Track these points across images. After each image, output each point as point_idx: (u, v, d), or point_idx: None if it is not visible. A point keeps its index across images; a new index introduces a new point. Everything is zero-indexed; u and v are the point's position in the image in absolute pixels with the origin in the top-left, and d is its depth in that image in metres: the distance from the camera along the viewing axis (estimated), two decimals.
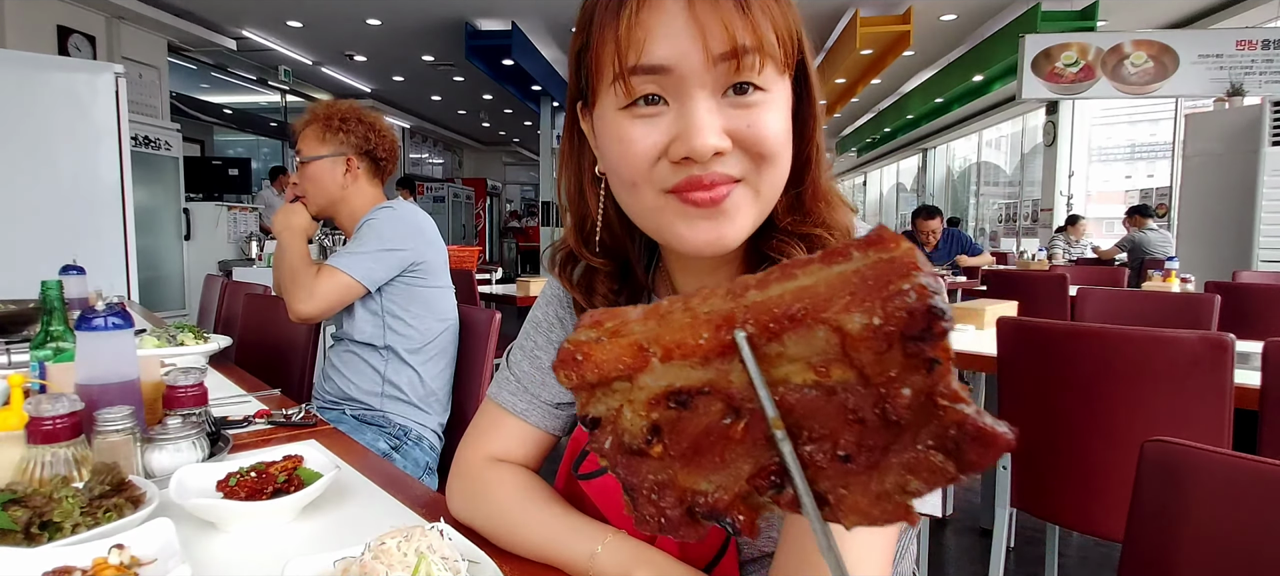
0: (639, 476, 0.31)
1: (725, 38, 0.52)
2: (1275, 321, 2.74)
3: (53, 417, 0.79)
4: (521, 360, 0.81)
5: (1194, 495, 0.70)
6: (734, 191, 0.56)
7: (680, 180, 0.55)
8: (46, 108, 3.57)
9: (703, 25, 0.52)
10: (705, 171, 0.55)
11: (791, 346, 0.26)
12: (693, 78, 0.53)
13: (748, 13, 0.53)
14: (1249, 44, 6.32)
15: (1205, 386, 1.46)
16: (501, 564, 0.65)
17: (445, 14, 7.11)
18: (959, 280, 5.01)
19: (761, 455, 0.28)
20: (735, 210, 0.57)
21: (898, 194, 18.91)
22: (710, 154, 0.54)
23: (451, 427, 1.77)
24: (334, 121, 1.71)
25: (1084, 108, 9.01)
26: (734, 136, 0.55)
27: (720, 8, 0.52)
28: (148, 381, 1.03)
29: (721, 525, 0.28)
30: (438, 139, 14.86)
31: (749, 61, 0.53)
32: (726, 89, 0.54)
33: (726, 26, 0.52)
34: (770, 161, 0.56)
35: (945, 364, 0.24)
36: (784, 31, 0.55)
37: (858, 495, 0.26)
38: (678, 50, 0.53)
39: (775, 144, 0.56)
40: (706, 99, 0.54)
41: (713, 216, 0.56)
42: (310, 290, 1.60)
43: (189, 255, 5.94)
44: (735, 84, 0.54)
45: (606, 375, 0.30)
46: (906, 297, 0.24)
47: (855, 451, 0.26)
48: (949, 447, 0.24)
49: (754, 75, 0.54)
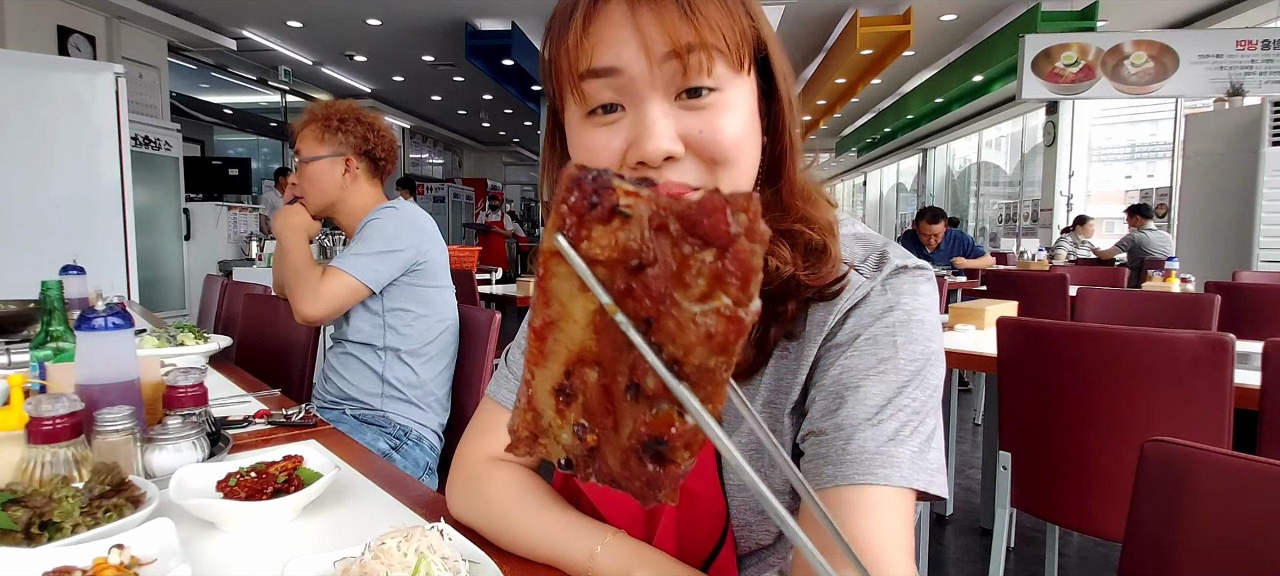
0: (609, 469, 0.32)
1: (666, 39, 0.53)
2: (1275, 321, 2.74)
3: (53, 417, 0.79)
4: (520, 358, 0.82)
5: (1194, 495, 0.70)
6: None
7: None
8: (46, 108, 3.57)
9: (645, 28, 0.53)
10: (659, 177, 0.55)
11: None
12: (642, 81, 0.54)
13: (689, 13, 0.53)
14: (1249, 44, 6.33)
15: (1205, 386, 1.46)
16: (501, 564, 0.65)
17: (445, 14, 7.11)
18: (959, 280, 5.00)
19: (635, 365, 0.29)
20: None
21: (898, 194, 18.91)
22: (661, 158, 0.54)
23: (451, 427, 1.77)
24: (332, 121, 1.71)
25: (1084, 108, 9.01)
26: (688, 141, 0.55)
27: (661, 10, 0.53)
28: (148, 381, 1.03)
29: (659, 449, 0.29)
30: (438, 139, 14.86)
31: (694, 61, 0.54)
32: (680, 93, 0.55)
33: (668, 28, 0.53)
34: (727, 165, 0.57)
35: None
36: (730, 28, 0.55)
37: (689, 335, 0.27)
38: (624, 54, 0.54)
39: (730, 147, 0.56)
40: (659, 103, 0.55)
41: None
42: (315, 292, 1.59)
43: (189, 255, 5.94)
44: (687, 88, 0.55)
45: (534, 427, 0.33)
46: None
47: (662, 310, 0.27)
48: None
49: (703, 76, 0.54)
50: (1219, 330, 1.74)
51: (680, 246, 0.26)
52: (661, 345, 0.27)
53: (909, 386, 0.59)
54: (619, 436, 0.30)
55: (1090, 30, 6.73)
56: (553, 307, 0.30)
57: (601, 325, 0.29)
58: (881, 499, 0.55)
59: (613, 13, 0.54)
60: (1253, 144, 4.89)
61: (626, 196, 0.27)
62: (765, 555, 0.69)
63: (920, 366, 0.59)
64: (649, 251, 0.27)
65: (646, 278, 0.27)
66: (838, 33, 7.81)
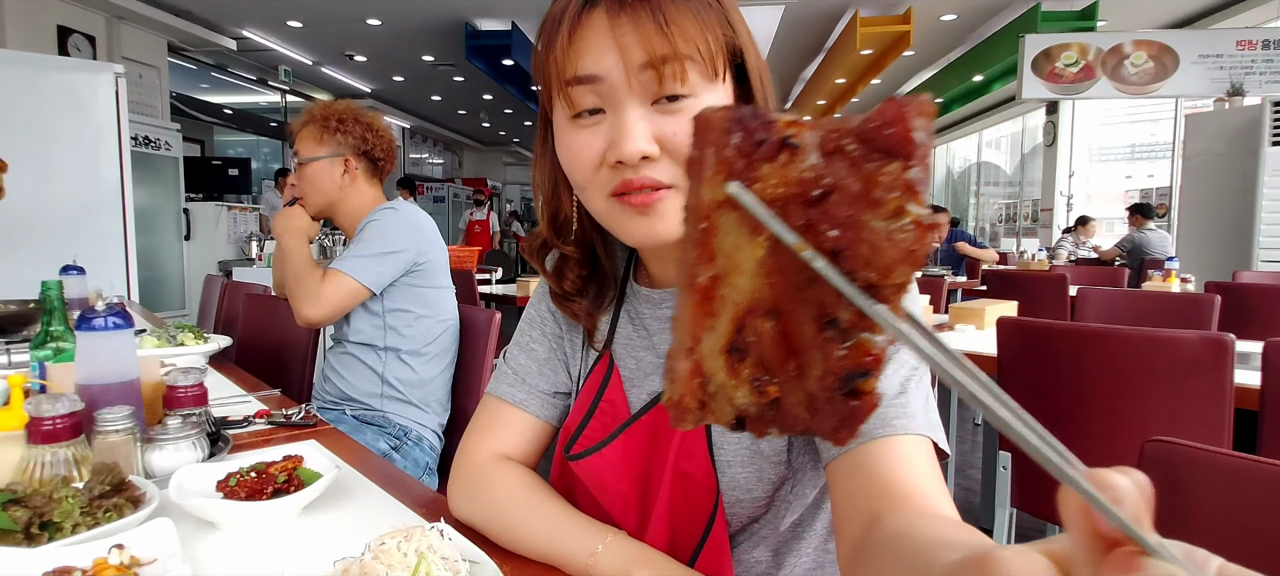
0: (796, 418, 0.30)
1: (643, 50, 0.57)
2: (1275, 321, 2.74)
3: (53, 417, 0.79)
4: (518, 354, 0.83)
5: (1194, 495, 0.70)
6: (666, 196, 0.60)
7: (617, 183, 0.60)
8: (46, 108, 3.57)
9: (624, 39, 0.57)
10: (635, 175, 0.59)
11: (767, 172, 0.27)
12: (621, 87, 0.58)
13: (664, 26, 0.57)
14: (1249, 44, 6.32)
15: (1205, 386, 1.46)
16: (502, 564, 0.65)
17: (445, 14, 7.11)
18: (959, 280, 5.00)
19: (823, 301, 0.27)
20: (667, 211, 0.61)
21: None
22: (638, 158, 0.58)
23: (451, 428, 1.77)
24: (331, 122, 1.71)
25: (1084, 108, 9.01)
26: (662, 143, 0.59)
27: (639, 23, 0.57)
28: (148, 381, 1.03)
29: (855, 382, 0.27)
30: (438, 139, 14.86)
31: (669, 71, 0.57)
32: (657, 98, 0.59)
33: (644, 40, 0.57)
34: None
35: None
36: (703, 40, 0.58)
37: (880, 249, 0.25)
38: (604, 63, 0.58)
39: None
40: (636, 107, 0.59)
41: (647, 215, 0.61)
42: (316, 295, 1.59)
43: (189, 255, 5.94)
44: (663, 95, 0.59)
45: (701, 395, 0.30)
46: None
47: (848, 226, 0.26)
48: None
49: (677, 84, 0.58)
50: (1219, 330, 1.74)
51: (861, 166, 0.25)
52: (855, 272, 0.25)
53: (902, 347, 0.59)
54: (804, 381, 0.28)
55: (1090, 30, 6.73)
56: (718, 262, 0.28)
57: (775, 267, 0.28)
58: (909, 446, 0.56)
59: (595, 23, 0.58)
60: (1253, 144, 4.89)
61: (790, 127, 0.26)
62: (756, 529, 0.70)
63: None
64: (827, 178, 0.25)
65: (828, 206, 0.25)
66: (838, 33, 7.81)
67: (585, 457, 0.72)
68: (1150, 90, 6.65)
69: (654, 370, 0.73)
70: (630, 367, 0.75)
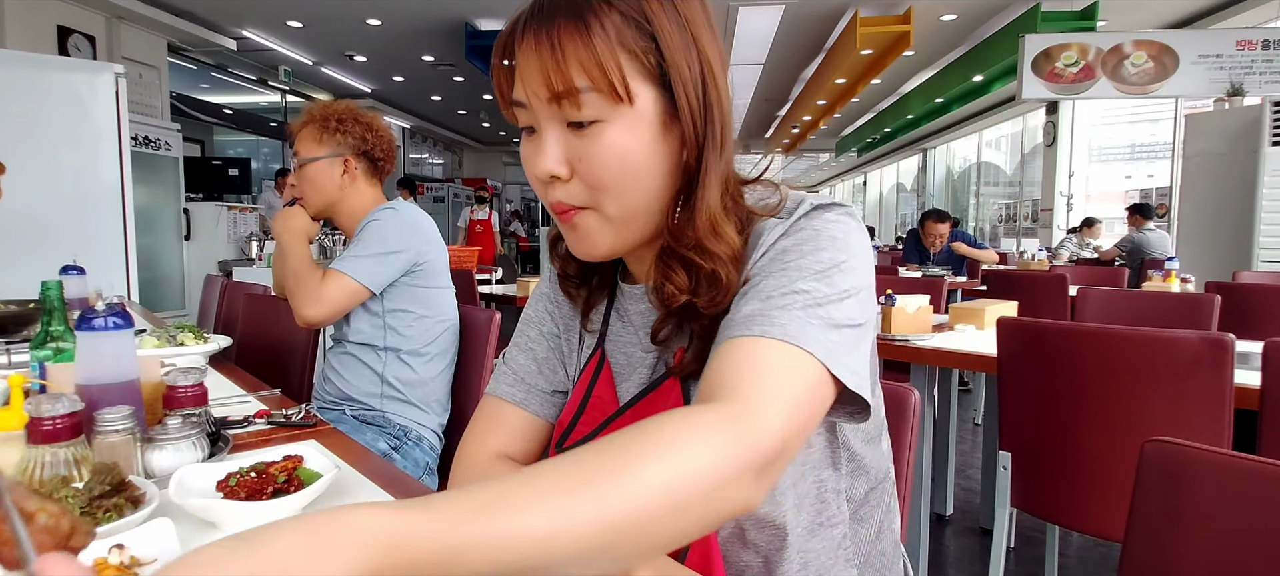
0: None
1: (541, 84, 0.59)
2: (1275, 321, 2.74)
3: (53, 417, 0.79)
4: (516, 354, 0.84)
5: (1194, 495, 0.70)
6: (583, 215, 0.63)
7: (550, 201, 0.64)
8: (46, 108, 3.57)
9: (528, 73, 0.60)
10: (552, 196, 0.63)
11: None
12: (540, 111, 0.61)
13: (560, 59, 0.58)
14: (1249, 44, 6.32)
15: (1205, 386, 1.46)
16: None
17: (445, 14, 7.11)
18: (959, 280, 5.00)
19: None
20: (588, 230, 0.64)
21: (898, 194, 18.92)
22: (546, 176, 0.62)
23: (451, 428, 1.77)
24: (330, 122, 1.71)
25: (1084, 108, 9.01)
26: (572, 165, 0.62)
27: (541, 55, 0.59)
28: (148, 381, 1.03)
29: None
30: (438, 139, 14.86)
31: (567, 102, 0.59)
32: (567, 122, 0.61)
33: (544, 75, 0.59)
34: (604, 190, 0.62)
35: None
36: (600, 70, 0.58)
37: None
38: (523, 91, 0.61)
39: (606, 175, 0.61)
40: (553, 130, 0.61)
41: (571, 230, 0.65)
42: (316, 295, 1.59)
43: (189, 255, 5.94)
44: (570, 121, 0.61)
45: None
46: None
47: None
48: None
49: (577, 112, 0.59)
50: (1219, 330, 1.74)
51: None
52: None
53: (805, 280, 0.58)
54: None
55: (1090, 30, 6.73)
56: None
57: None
58: (750, 345, 0.53)
59: (523, 51, 0.61)
60: (1253, 144, 4.89)
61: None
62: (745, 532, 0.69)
63: (825, 269, 0.59)
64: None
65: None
66: (838, 33, 7.81)
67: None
68: (1150, 90, 6.65)
69: (640, 363, 0.74)
70: (620, 362, 0.75)
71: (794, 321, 0.55)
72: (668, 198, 0.64)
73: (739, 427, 0.47)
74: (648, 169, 0.62)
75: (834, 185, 25.68)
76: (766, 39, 8.01)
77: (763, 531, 0.68)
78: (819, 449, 0.70)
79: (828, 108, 10.92)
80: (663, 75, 0.61)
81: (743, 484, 0.46)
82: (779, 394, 0.51)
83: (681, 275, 0.64)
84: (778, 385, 0.51)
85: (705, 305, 0.63)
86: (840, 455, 0.71)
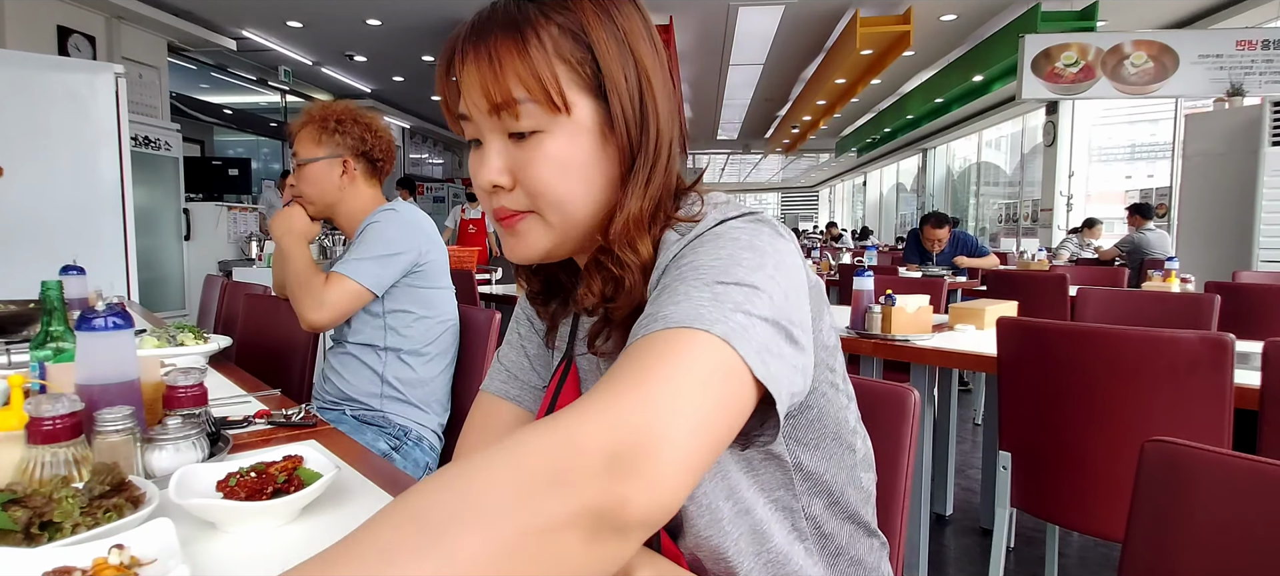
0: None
1: (481, 96, 0.61)
2: (1275, 321, 2.74)
3: (53, 417, 0.79)
4: (509, 352, 0.85)
5: (1194, 495, 0.70)
6: (525, 220, 0.65)
7: (492, 209, 0.66)
8: (46, 108, 3.56)
9: (468, 86, 0.62)
10: (494, 203, 0.65)
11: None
12: (482, 124, 0.63)
13: (497, 71, 0.60)
14: (1249, 44, 6.32)
15: (1205, 386, 1.46)
16: None
17: (445, 14, 7.11)
18: (959, 280, 5.00)
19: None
20: (527, 232, 0.65)
21: (898, 194, 18.92)
22: (489, 186, 0.64)
23: (451, 428, 1.77)
24: (330, 123, 1.70)
25: (1084, 108, 9.01)
26: (514, 173, 0.63)
27: (480, 68, 0.61)
28: (148, 381, 1.03)
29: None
30: (438, 139, 14.86)
31: (506, 113, 0.61)
32: (508, 133, 0.62)
33: (482, 86, 0.61)
34: (544, 197, 0.63)
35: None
36: (536, 81, 0.59)
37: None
38: (466, 104, 0.63)
39: (545, 182, 0.62)
40: (496, 141, 0.63)
41: (512, 235, 0.66)
42: (320, 299, 1.59)
43: (189, 255, 5.94)
44: (509, 132, 0.62)
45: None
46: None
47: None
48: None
49: (516, 123, 0.61)
50: (1219, 330, 1.74)
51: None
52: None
53: (709, 280, 0.52)
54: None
55: (1090, 30, 6.73)
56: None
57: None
58: (650, 340, 0.48)
59: (464, 66, 0.62)
60: (1253, 144, 4.89)
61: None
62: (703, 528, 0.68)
63: (726, 265, 0.54)
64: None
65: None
66: (838, 33, 7.81)
67: None
68: (1150, 90, 6.65)
69: (597, 368, 0.74)
70: (585, 368, 0.76)
71: (693, 310, 0.49)
72: (609, 207, 0.64)
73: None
74: (587, 177, 0.63)
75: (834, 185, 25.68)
76: (766, 39, 8.01)
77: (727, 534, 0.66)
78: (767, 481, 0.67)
79: (828, 108, 10.92)
80: (599, 86, 0.62)
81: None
82: (670, 379, 0.44)
83: (597, 281, 0.65)
84: (667, 369, 0.45)
85: (613, 310, 0.65)
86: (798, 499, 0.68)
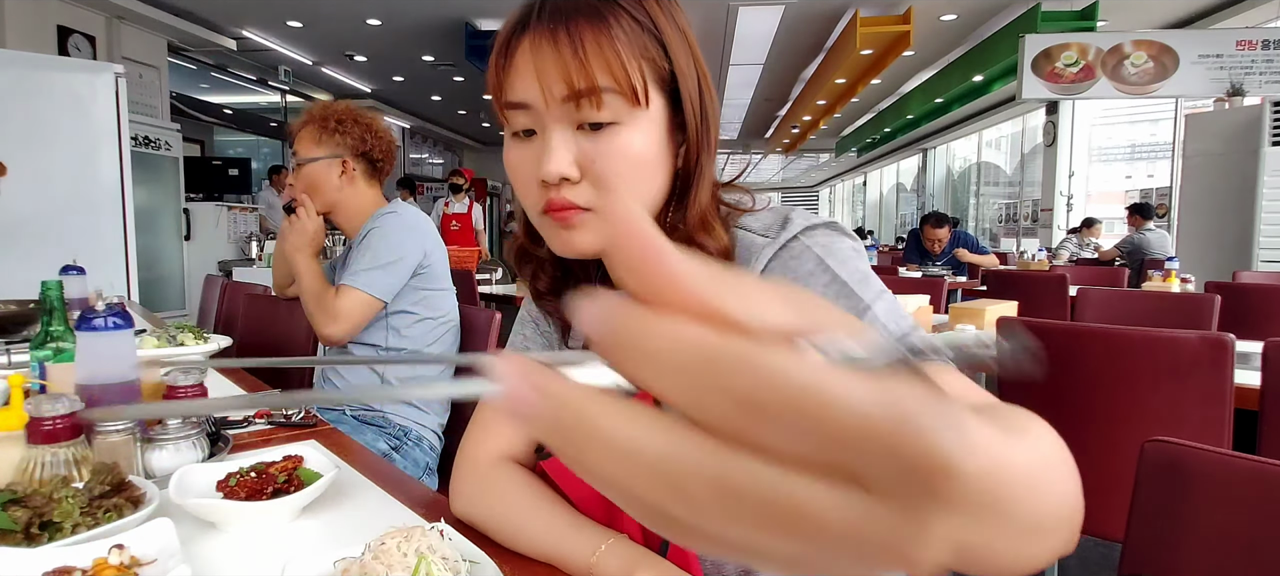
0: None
1: (562, 83, 0.59)
2: (1275, 321, 2.74)
3: (53, 418, 0.79)
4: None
5: (1194, 495, 0.70)
6: (584, 216, 0.63)
7: (545, 202, 0.63)
8: (46, 108, 3.56)
9: (544, 72, 0.59)
10: (557, 195, 0.62)
11: None
12: (546, 114, 0.61)
13: (582, 58, 0.58)
14: (1249, 44, 6.32)
15: (1205, 386, 1.46)
16: (502, 564, 0.65)
17: (445, 14, 7.10)
18: (959, 280, 4.99)
19: None
20: (584, 227, 0.64)
21: (898, 194, 18.91)
22: (557, 178, 0.61)
23: (451, 428, 1.77)
24: (330, 123, 1.70)
25: (1084, 108, 9.01)
26: (583, 166, 0.62)
27: (559, 52, 0.59)
28: (148, 382, 1.03)
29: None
30: (438, 139, 14.85)
31: (587, 102, 0.59)
32: (580, 123, 0.61)
33: (562, 72, 0.59)
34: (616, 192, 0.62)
35: None
36: (623, 70, 0.59)
37: None
38: (531, 92, 0.61)
39: (619, 176, 0.62)
40: (560, 131, 0.61)
41: (567, 229, 0.64)
42: (334, 314, 1.59)
43: (189, 255, 5.94)
44: (584, 122, 0.61)
45: None
46: None
47: None
48: None
49: (595, 113, 0.60)
50: (1219, 330, 1.74)
51: None
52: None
53: (865, 298, 0.62)
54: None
55: (1090, 30, 6.73)
56: None
57: None
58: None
59: (525, 49, 0.61)
60: (1253, 144, 4.89)
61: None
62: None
63: (866, 277, 0.63)
64: None
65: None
66: (838, 33, 7.80)
67: (553, 456, 0.73)
68: (1150, 90, 6.65)
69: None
70: None
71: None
72: (663, 200, 0.67)
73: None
74: (653, 173, 0.64)
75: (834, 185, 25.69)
76: (766, 39, 8.01)
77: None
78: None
79: (828, 108, 10.92)
80: (665, 81, 0.63)
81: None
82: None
83: None
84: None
85: None
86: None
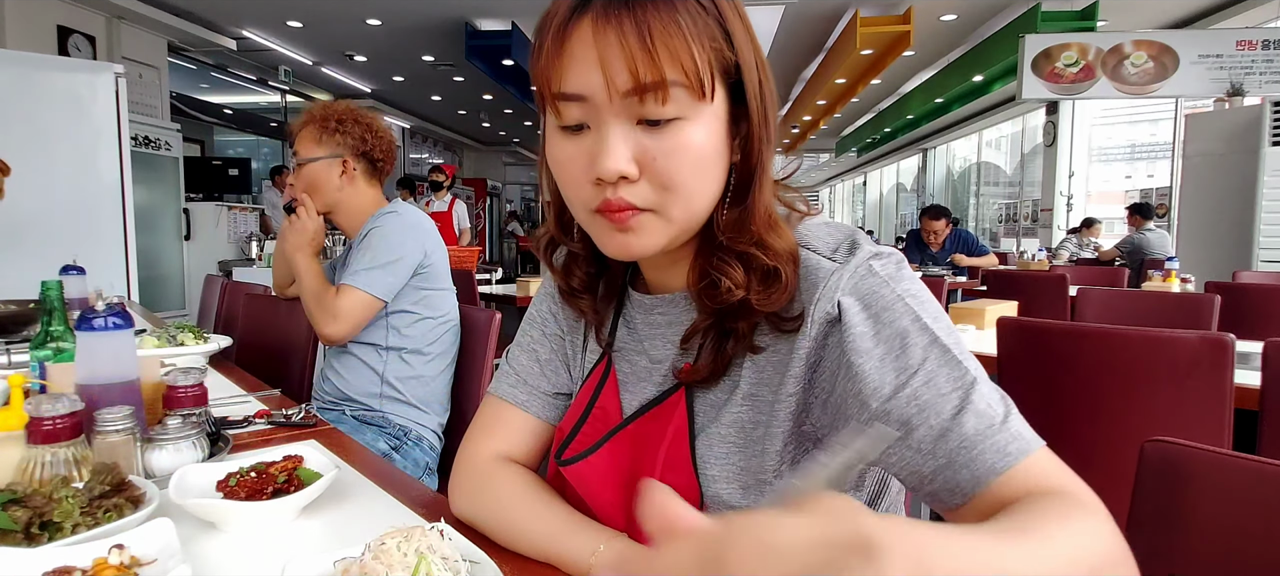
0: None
1: (627, 75, 0.55)
2: (1275, 321, 2.74)
3: (53, 417, 0.79)
4: (520, 355, 0.83)
5: (1194, 495, 0.70)
6: (643, 217, 0.60)
7: (599, 201, 0.59)
8: (46, 108, 3.57)
9: (608, 62, 0.55)
10: (614, 195, 0.58)
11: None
12: (604, 107, 0.56)
13: (650, 47, 0.54)
14: (1249, 44, 6.32)
15: (1205, 386, 1.46)
16: (502, 564, 0.65)
17: (445, 14, 7.10)
18: (959, 280, 4.99)
19: None
20: (641, 229, 0.60)
21: (898, 194, 18.91)
22: (615, 177, 0.57)
23: (451, 428, 1.77)
24: (330, 122, 1.70)
25: (1084, 108, 9.00)
26: (643, 164, 0.58)
27: (625, 45, 0.54)
28: (148, 381, 1.03)
29: None
30: (438, 139, 14.85)
31: (653, 97, 0.55)
32: (642, 118, 0.57)
33: (628, 63, 0.54)
34: (675, 190, 0.59)
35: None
36: (691, 62, 0.55)
37: None
38: (590, 82, 0.56)
39: (682, 176, 0.58)
40: (619, 126, 0.57)
41: (623, 231, 0.60)
42: (334, 313, 1.60)
43: (189, 255, 5.94)
44: (646, 118, 0.57)
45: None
46: None
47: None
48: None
49: (659, 108, 0.56)
50: (1219, 330, 1.73)
51: None
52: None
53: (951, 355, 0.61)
54: None
55: (1090, 30, 6.73)
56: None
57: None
58: (1034, 465, 0.59)
59: (583, 36, 0.56)
60: (1253, 144, 4.89)
61: None
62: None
63: (938, 316, 0.62)
64: None
65: None
66: (838, 33, 7.80)
67: (575, 464, 0.72)
68: (1150, 90, 6.65)
69: (645, 375, 0.73)
70: (625, 371, 0.75)
71: (1019, 424, 0.61)
72: (718, 198, 0.63)
73: (1109, 523, 0.55)
74: (714, 172, 0.61)
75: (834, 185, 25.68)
76: (766, 39, 8.00)
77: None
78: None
79: (828, 108, 10.91)
80: (728, 71, 0.59)
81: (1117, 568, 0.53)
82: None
83: (738, 271, 0.62)
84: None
85: (759, 302, 0.62)
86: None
